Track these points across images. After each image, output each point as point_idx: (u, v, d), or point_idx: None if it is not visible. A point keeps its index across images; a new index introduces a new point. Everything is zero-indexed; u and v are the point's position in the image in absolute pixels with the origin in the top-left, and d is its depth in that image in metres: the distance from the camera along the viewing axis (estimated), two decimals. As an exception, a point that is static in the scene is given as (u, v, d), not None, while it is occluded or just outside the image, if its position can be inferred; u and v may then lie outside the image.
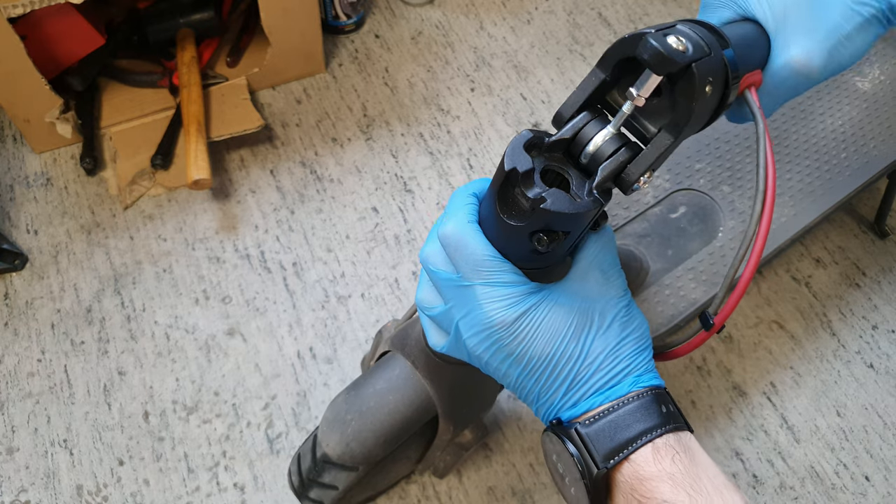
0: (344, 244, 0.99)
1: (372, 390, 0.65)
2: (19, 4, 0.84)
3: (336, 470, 0.67)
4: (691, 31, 0.39)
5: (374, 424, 0.64)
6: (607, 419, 0.42)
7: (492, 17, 1.24)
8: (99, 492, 0.82)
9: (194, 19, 1.06)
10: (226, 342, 0.91)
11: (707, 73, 0.38)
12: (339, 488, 0.67)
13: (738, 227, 0.85)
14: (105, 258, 0.96)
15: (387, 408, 0.64)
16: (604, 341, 0.44)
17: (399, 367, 0.65)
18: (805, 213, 0.86)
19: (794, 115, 0.94)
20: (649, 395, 0.43)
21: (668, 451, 0.40)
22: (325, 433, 0.65)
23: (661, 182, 0.88)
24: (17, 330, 0.91)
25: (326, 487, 0.68)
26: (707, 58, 0.38)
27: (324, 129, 1.09)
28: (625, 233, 0.84)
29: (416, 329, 0.65)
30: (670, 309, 0.81)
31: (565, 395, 0.44)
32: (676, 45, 0.37)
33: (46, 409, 0.86)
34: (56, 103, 0.97)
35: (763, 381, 0.92)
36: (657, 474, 0.39)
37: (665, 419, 0.42)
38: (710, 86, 0.39)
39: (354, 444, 0.64)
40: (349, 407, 0.65)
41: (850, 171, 0.89)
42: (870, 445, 0.88)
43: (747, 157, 0.90)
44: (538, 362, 0.43)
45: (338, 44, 1.18)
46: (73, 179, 1.02)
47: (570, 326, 0.43)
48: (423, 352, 0.63)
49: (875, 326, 0.96)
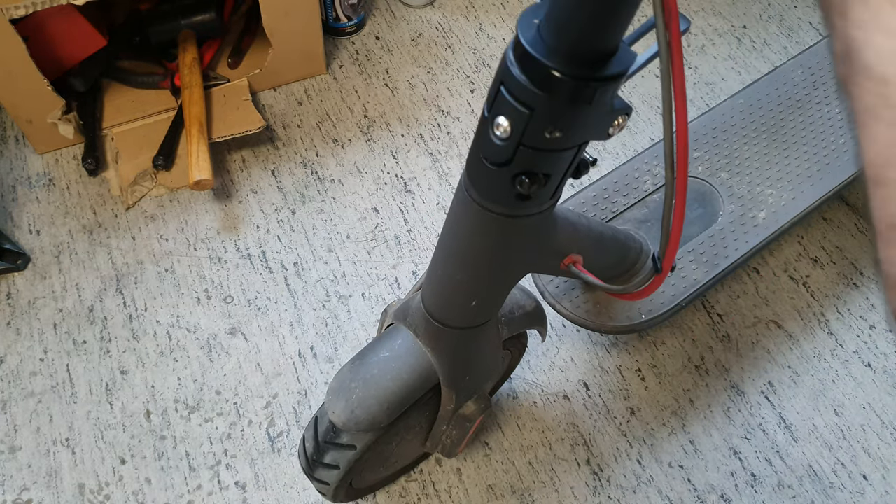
0: (345, 244, 1.00)
1: (375, 359, 0.67)
2: (22, 6, 0.85)
3: (336, 449, 0.67)
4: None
5: (377, 391, 0.65)
6: None
7: (491, 18, 1.24)
8: (101, 490, 0.82)
9: (196, 21, 1.07)
10: (227, 341, 0.91)
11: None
12: (339, 467, 0.68)
13: (737, 210, 0.86)
14: (107, 258, 0.97)
15: (389, 374, 0.65)
16: None
17: (401, 336, 0.67)
18: (803, 197, 0.87)
19: (792, 105, 0.95)
20: None
21: None
22: (330, 401, 0.66)
23: (659, 170, 0.89)
24: (19, 329, 0.91)
25: (329, 467, 0.69)
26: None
27: (325, 129, 1.10)
28: (625, 218, 0.85)
29: (416, 300, 0.66)
30: (672, 290, 0.82)
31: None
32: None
33: (49, 408, 0.86)
34: (58, 104, 0.98)
35: (761, 380, 0.92)
36: None
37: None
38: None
39: (359, 411, 0.65)
40: (353, 375, 0.66)
41: (847, 157, 0.90)
42: (867, 444, 0.88)
43: (745, 145, 0.92)
44: None
45: (338, 45, 1.19)
46: (75, 180, 1.03)
47: None
48: (424, 319, 0.64)
49: (873, 326, 0.97)
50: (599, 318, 0.79)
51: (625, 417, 0.89)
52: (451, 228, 0.55)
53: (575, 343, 0.94)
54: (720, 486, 0.85)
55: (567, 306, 0.79)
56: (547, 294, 0.81)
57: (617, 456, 0.86)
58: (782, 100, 0.96)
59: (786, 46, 1.24)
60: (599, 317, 0.79)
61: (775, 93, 0.96)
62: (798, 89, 0.97)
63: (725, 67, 1.21)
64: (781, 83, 0.97)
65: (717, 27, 1.26)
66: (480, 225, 0.51)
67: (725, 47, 1.23)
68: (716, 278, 0.82)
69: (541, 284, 0.81)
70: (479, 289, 0.57)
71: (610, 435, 0.88)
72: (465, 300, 0.57)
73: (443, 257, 0.57)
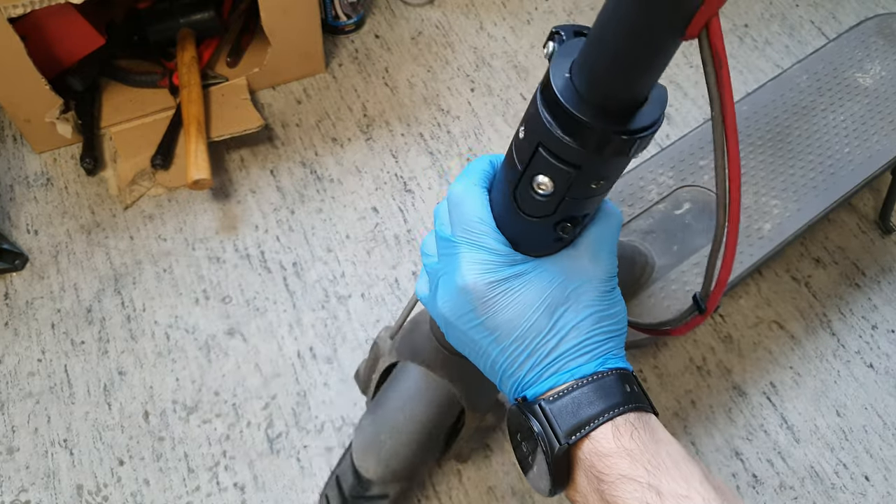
0: (344, 244, 0.99)
1: (395, 405, 0.65)
2: (20, 5, 0.84)
3: (367, 502, 0.67)
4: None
5: (407, 437, 0.64)
6: (571, 396, 0.41)
7: (492, 17, 1.24)
8: (99, 491, 0.82)
9: (194, 19, 1.06)
10: (226, 342, 0.91)
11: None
12: (389, 496, 0.68)
13: (742, 222, 0.85)
14: (105, 258, 0.96)
15: (415, 419, 0.64)
16: (576, 320, 0.43)
17: (413, 375, 0.65)
18: (809, 207, 0.86)
19: (797, 112, 0.94)
20: (614, 375, 0.42)
21: (627, 429, 0.40)
22: (361, 459, 0.65)
23: (665, 179, 0.88)
24: (17, 330, 0.91)
25: (376, 499, 0.68)
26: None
27: (324, 129, 1.09)
28: (630, 229, 0.84)
29: (421, 332, 0.65)
30: (677, 304, 0.81)
31: (531, 370, 0.43)
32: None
33: (47, 408, 0.86)
34: (56, 103, 0.97)
35: (763, 380, 0.92)
36: (616, 450, 0.39)
37: (627, 398, 0.42)
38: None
39: (393, 462, 0.64)
40: (378, 428, 0.65)
41: (854, 166, 0.89)
42: (869, 445, 0.88)
43: (750, 153, 0.91)
44: (506, 332, 0.43)
45: (338, 44, 1.18)
46: (73, 179, 1.02)
47: (544, 300, 0.43)
48: (436, 350, 0.63)
49: (875, 326, 0.96)
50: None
51: (626, 418, 0.89)
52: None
53: (575, 343, 0.93)
54: (721, 487, 0.85)
55: None
56: None
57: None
58: (787, 106, 0.95)
59: (787, 46, 1.23)
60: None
61: (780, 99, 0.95)
62: (803, 95, 0.96)
63: (727, 66, 1.20)
64: (787, 88, 0.96)
65: (719, 26, 1.26)
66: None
67: (727, 47, 1.23)
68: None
69: None
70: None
71: (611, 436, 0.87)
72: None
73: None
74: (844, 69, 0.98)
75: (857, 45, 1.01)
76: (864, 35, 1.02)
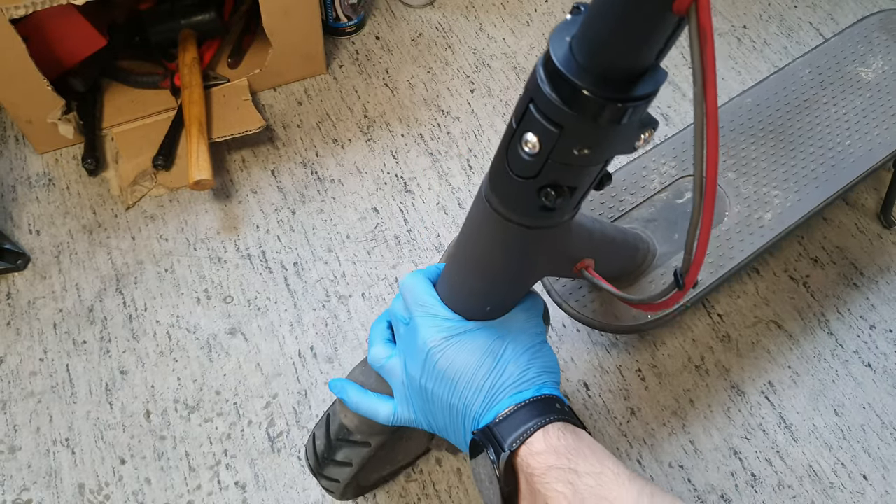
0: (345, 244, 1.00)
1: None
2: (21, 6, 0.85)
3: (349, 447, 0.67)
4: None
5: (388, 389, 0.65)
6: (512, 416, 0.51)
7: (491, 18, 1.24)
8: (101, 490, 0.82)
9: (196, 21, 1.07)
10: (227, 341, 0.91)
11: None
12: (353, 464, 0.68)
13: (743, 211, 0.86)
14: (107, 258, 0.97)
15: None
16: (515, 356, 0.54)
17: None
18: (809, 198, 0.87)
19: (798, 105, 0.95)
20: (548, 398, 0.52)
21: (555, 433, 0.49)
22: (342, 405, 0.66)
23: (667, 169, 0.89)
24: (19, 329, 0.91)
25: (342, 465, 0.69)
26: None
27: (325, 129, 1.10)
28: (631, 217, 0.85)
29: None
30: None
31: (482, 404, 0.53)
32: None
33: (48, 408, 0.86)
34: (58, 104, 0.98)
35: (761, 380, 0.92)
36: (545, 449, 0.48)
37: (559, 414, 0.51)
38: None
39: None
40: (365, 379, 0.66)
41: (854, 159, 0.90)
42: (868, 444, 0.88)
43: (752, 145, 0.91)
44: (462, 377, 0.53)
45: (338, 45, 1.19)
46: (74, 180, 1.03)
47: (490, 347, 0.54)
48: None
49: (873, 326, 0.97)
50: (605, 318, 0.79)
51: (625, 417, 0.89)
52: (469, 236, 0.55)
53: (575, 343, 0.94)
54: (720, 486, 0.85)
55: (573, 305, 0.79)
56: (554, 293, 0.80)
57: (617, 456, 0.86)
58: (790, 99, 0.95)
59: (786, 46, 1.24)
60: (605, 316, 0.79)
61: (783, 92, 0.96)
62: (805, 89, 0.96)
63: (725, 67, 1.21)
64: (789, 82, 0.97)
65: (718, 27, 1.26)
66: (500, 234, 0.52)
67: (725, 47, 1.23)
68: (721, 279, 0.82)
69: (548, 283, 0.81)
70: (494, 294, 0.57)
71: (610, 435, 0.88)
72: (479, 305, 0.57)
73: (458, 264, 0.57)
74: (847, 63, 0.99)
75: (859, 41, 1.01)
76: (867, 30, 1.02)
